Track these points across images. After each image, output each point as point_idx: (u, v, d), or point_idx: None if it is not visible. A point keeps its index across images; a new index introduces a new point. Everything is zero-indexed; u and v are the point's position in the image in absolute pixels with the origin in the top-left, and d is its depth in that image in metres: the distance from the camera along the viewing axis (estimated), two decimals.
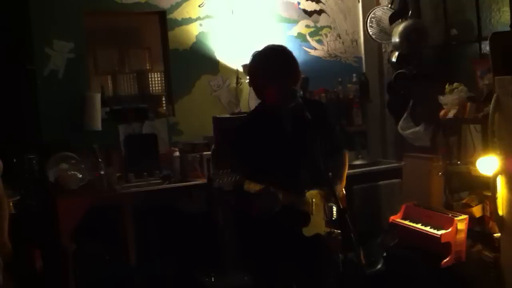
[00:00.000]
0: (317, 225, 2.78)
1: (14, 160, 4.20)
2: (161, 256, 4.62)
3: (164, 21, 5.08)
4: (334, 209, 2.81)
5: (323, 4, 5.61)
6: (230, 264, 4.41)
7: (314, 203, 2.78)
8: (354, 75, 5.55)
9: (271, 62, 2.75)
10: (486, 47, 4.36)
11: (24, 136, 4.54)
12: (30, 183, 4.21)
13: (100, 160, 4.43)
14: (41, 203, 4.19)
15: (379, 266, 4.25)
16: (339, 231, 2.74)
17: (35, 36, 4.60)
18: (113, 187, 4.34)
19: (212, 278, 4.28)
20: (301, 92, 2.84)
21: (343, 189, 2.96)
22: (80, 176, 4.26)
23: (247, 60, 4.93)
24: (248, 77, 2.92)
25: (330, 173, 2.96)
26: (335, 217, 2.80)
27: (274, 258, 2.82)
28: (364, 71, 5.67)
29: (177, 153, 4.73)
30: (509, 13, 4.09)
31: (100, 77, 5.05)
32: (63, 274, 4.10)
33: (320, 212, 2.80)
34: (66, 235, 4.06)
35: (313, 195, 2.79)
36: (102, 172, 4.35)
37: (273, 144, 2.77)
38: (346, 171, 3.02)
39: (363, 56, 5.76)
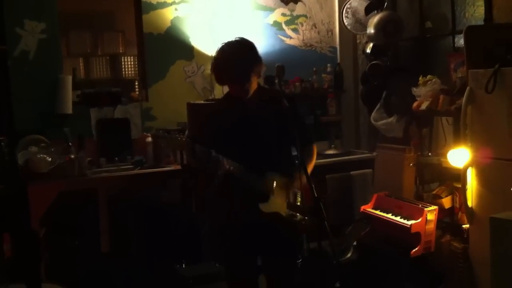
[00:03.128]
0: (277, 205, 2.88)
1: None
2: (134, 244, 4.57)
3: (139, 4, 4.99)
4: (299, 195, 2.92)
5: None
6: (206, 252, 4.40)
7: (276, 185, 2.87)
8: (329, 65, 5.57)
9: (229, 65, 2.82)
10: (460, 40, 4.42)
11: None
12: None
13: (70, 144, 4.36)
14: (10, 186, 4.10)
15: (349, 255, 4.28)
16: (303, 216, 2.87)
17: (5, 14, 4.48)
18: (83, 172, 4.28)
19: (184, 265, 4.25)
20: (277, 81, 2.86)
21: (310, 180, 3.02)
22: (50, 159, 4.18)
23: None
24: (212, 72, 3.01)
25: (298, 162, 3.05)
26: (299, 202, 2.92)
27: (236, 232, 2.95)
28: (339, 61, 5.69)
29: (150, 139, 4.68)
30: (483, 8, 4.13)
31: (72, 59, 4.97)
32: (32, 259, 4.03)
33: (282, 195, 2.89)
34: (36, 219, 4.00)
35: (275, 178, 2.88)
36: (73, 156, 4.28)
37: (239, 129, 2.88)
38: (313, 163, 3.11)
39: (338, 47, 5.77)
